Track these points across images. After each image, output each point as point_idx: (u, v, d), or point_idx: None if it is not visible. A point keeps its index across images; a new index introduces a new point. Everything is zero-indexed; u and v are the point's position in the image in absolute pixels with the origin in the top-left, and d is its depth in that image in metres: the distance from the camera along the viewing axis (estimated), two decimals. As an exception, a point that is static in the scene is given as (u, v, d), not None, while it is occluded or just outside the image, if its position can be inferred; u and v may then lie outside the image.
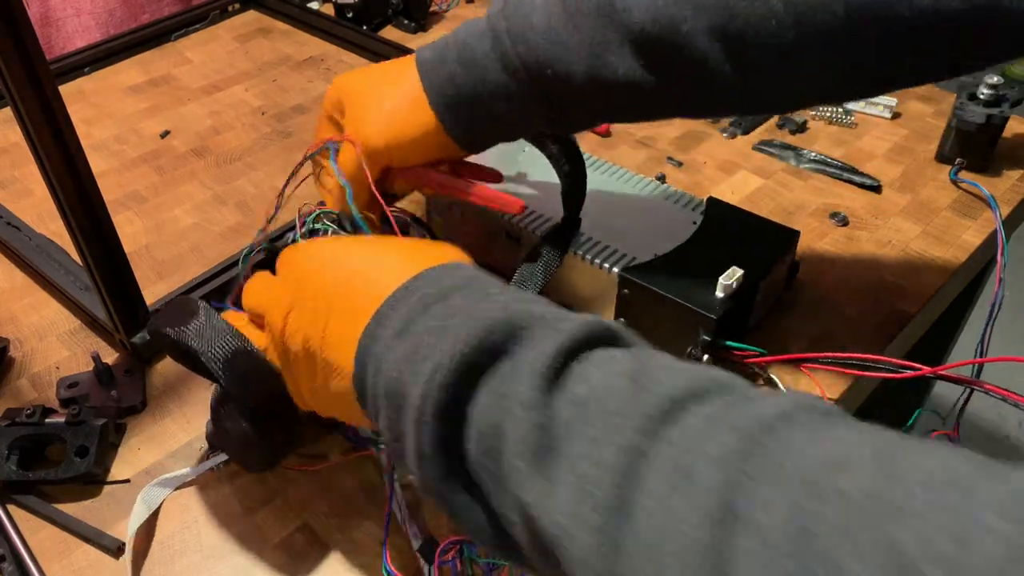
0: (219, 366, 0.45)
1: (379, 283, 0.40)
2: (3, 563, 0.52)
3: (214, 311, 0.48)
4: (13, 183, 0.85)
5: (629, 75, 0.49)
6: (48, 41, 1.09)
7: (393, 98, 0.56)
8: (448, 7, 1.14)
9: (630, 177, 0.72)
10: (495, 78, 0.52)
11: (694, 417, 0.29)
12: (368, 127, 0.56)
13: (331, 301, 0.41)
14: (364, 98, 0.57)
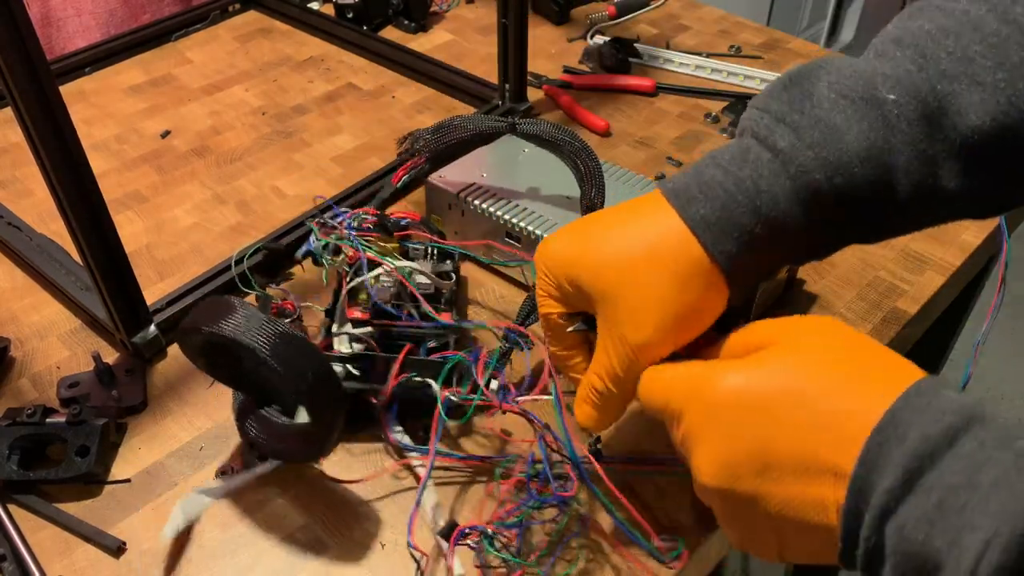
0: (268, 353, 0.45)
1: (848, 415, 0.35)
2: (4, 562, 0.52)
3: (248, 304, 0.48)
4: (14, 183, 0.85)
5: (961, 187, 0.42)
6: (49, 41, 1.09)
7: (666, 275, 0.44)
8: (448, 7, 1.14)
9: (630, 177, 0.72)
10: (796, 223, 0.43)
11: None
12: (639, 322, 0.44)
13: (779, 455, 0.37)
14: (621, 280, 0.44)
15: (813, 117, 0.43)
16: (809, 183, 0.42)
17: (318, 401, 0.48)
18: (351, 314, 0.59)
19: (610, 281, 0.45)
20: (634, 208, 0.46)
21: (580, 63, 1.02)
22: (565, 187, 0.70)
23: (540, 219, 0.67)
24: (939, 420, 0.33)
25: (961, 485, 0.31)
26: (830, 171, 0.42)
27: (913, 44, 0.42)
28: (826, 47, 2.06)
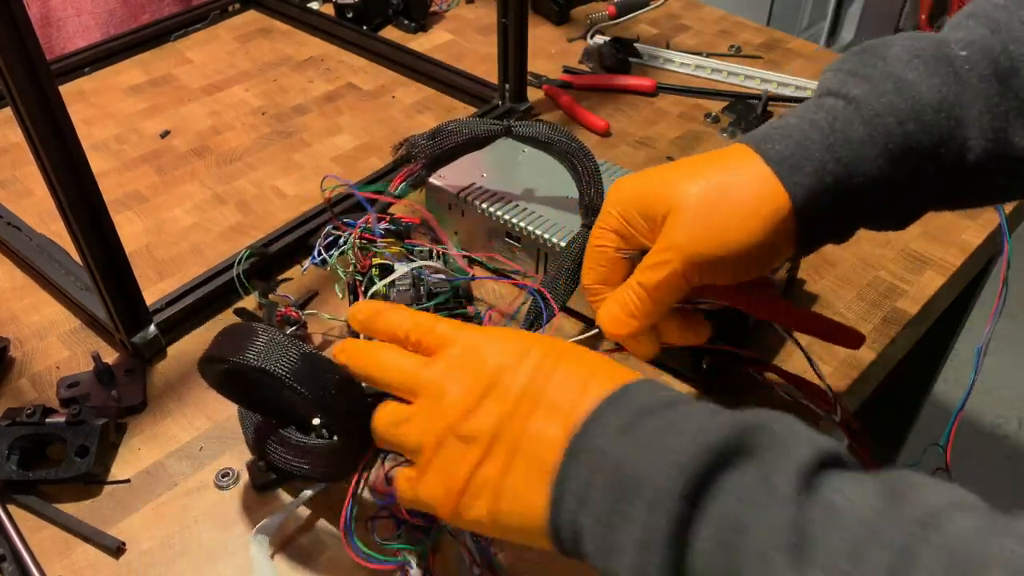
0: (292, 378, 0.44)
1: (585, 387, 0.40)
2: (3, 563, 0.52)
3: (269, 328, 0.47)
4: (13, 183, 0.85)
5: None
6: (48, 41, 1.09)
7: (739, 201, 0.45)
8: (448, 7, 1.14)
9: (626, 174, 0.72)
10: (870, 168, 0.44)
11: (958, 526, 0.30)
12: (700, 235, 0.46)
13: (537, 391, 0.41)
14: (696, 200, 0.46)
15: (885, 72, 0.45)
16: (882, 127, 0.44)
17: (343, 420, 0.46)
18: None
19: (682, 197, 0.46)
20: (713, 152, 0.48)
21: (580, 63, 1.02)
22: (565, 187, 0.70)
23: (540, 219, 0.67)
24: (657, 392, 0.40)
25: (668, 427, 0.37)
26: (902, 116, 0.43)
27: (986, 15, 0.45)
28: (826, 47, 2.06)
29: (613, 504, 0.36)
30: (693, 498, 0.34)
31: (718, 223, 0.45)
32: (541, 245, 0.66)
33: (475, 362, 0.43)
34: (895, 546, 0.30)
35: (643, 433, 0.37)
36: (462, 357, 0.44)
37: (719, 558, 0.33)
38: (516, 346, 0.43)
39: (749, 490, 0.34)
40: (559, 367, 0.42)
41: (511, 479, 0.40)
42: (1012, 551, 0.28)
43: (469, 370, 0.43)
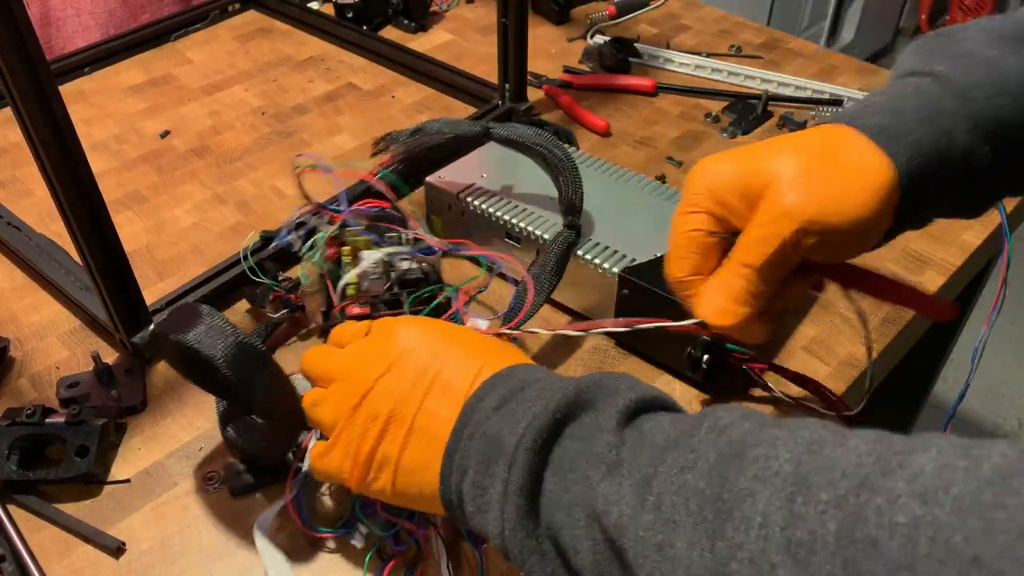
0: (223, 363, 0.47)
1: (479, 368, 0.44)
2: (3, 563, 0.52)
3: (218, 313, 0.49)
4: (13, 183, 0.85)
5: None
6: (48, 41, 1.09)
7: (843, 170, 0.44)
8: (448, 7, 1.14)
9: (630, 177, 0.72)
10: (964, 141, 0.44)
11: (740, 431, 0.34)
12: (806, 200, 0.43)
13: (434, 374, 0.45)
14: (798, 169, 0.44)
15: (967, 51, 0.45)
16: (971, 101, 0.43)
17: (266, 405, 0.49)
18: (351, 312, 0.59)
19: (786, 166, 0.44)
20: (798, 132, 0.47)
21: (580, 63, 1.02)
22: (565, 187, 0.70)
23: (539, 219, 0.67)
24: (534, 372, 0.44)
25: (532, 398, 0.41)
26: (991, 91, 0.43)
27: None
28: (826, 47, 2.06)
29: (484, 468, 0.40)
30: (543, 451, 0.38)
31: (830, 190, 0.43)
32: (540, 246, 0.66)
33: (381, 347, 0.47)
34: (687, 447, 0.35)
35: (513, 406, 0.41)
36: (371, 342, 0.48)
37: (557, 492, 0.38)
38: (420, 332, 0.47)
39: (582, 433, 0.39)
40: (456, 351, 0.46)
41: (408, 454, 0.44)
42: (772, 435, 0.32)
43: (375, 354, 0.46)
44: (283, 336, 0.66)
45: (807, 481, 0.29)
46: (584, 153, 0.75)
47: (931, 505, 0.25)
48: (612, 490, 0.36)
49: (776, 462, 0.31)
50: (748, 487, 0.31)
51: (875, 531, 0.26)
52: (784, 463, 0.31)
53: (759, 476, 0.31)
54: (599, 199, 0.69)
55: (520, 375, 0.44)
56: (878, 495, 0.27)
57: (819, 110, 0.92)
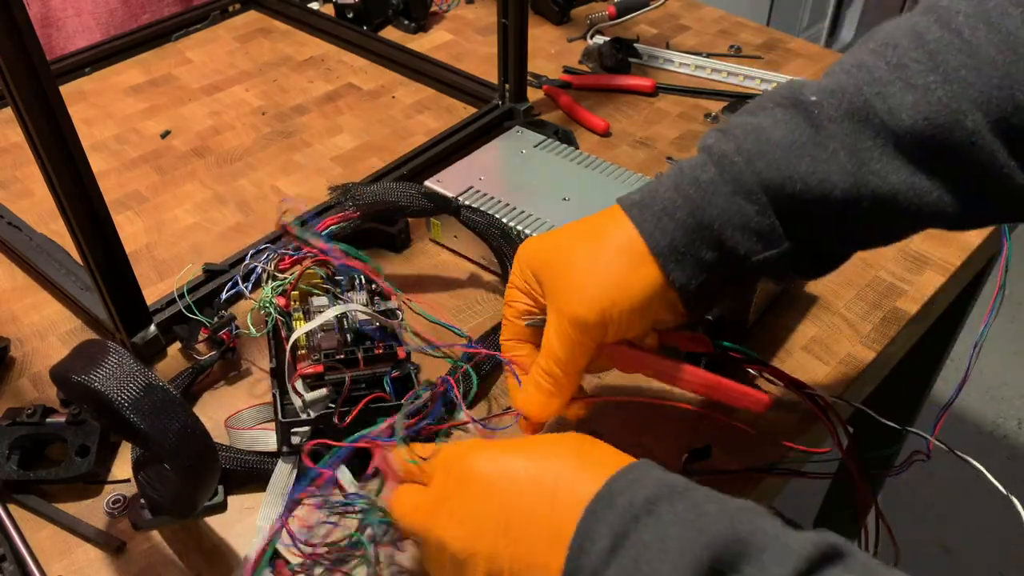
0: (130, 409, 0.43)
1: (571, 493, 0.39)
2: (4, 562, 0.52)
3: (125, 352, 0.45)
4: (14, 183, 0.85)
5: (902, 184, 0.42)
6: (49, 41, 1.09)
7: (602, 255, 0.47)
8: (448, 7, 1.14)
9: (630, 177, 0.72)
10: (725, 204, 0.44)
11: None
12: (575, 296, 0.47)
13: (521, 520, 0.39)
14: (564, 263, 0.48)
15: (741, 123, 0.46)
16: (730, 166, 0.45)
17: (183, 461, 0.45)
18: (303, 371, 0.55)
19: (559, 265, 0.48)
20: (596, 214, 0.50)
21: (580, 63, 1.02)
22: (563, 190, 0.70)
23: (537, 222, 0.67)
24: (643, 490, 0.37)
25: (653, 542, 0.35)
26: (749, 156, 0.44)
27: (852, 61, 0.45)
28: (826, 47, 2.06)
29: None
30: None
31: (582, 280, 0.47)
32: None
33: (453, 500, 0.42)
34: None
35: (631, 551, 0.36)
36: (440, 497, 0.42)
37: None
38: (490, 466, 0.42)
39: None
40: (538, 473, 0.40)
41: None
42: None
43: (449, 511, 0.41)
44: (211, 380, 0.63)
45: None
46: (584, 153, 0.75)
47: None
48: None
49: None
50: None
51: None
52: None
53: None
54: (598, 199, 0.68)
55: (624, 495, 0.37)
56: None
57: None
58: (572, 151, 0.75)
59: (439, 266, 0.74)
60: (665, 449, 0.58)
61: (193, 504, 0.48)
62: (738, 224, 0.45)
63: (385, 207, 0.66)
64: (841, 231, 0.45)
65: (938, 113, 0.41)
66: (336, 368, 0.55)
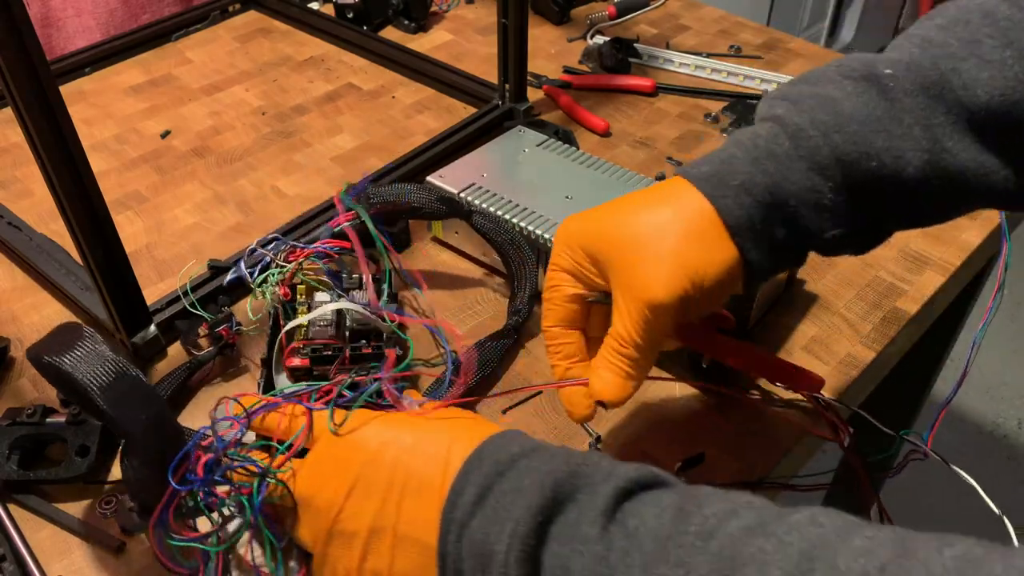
0: (99, 393, 0.43)
1: (448, 455, 0.42)
2: (4, 562, 0.52)
3: (100, 338, 0.45)
4: (14, 183, 0.85)
5: (971, 162, 0.42)
6: (49, 41, 1.09)
7: (676, 233, 0.44)
8: (448, 7, 1.14)
9: (630, 177, 0.72)
10: (801, 180, 0.44)
11: (732, 528, 0.33)
12: (652, 277, 0.44)
13: (403, 475, 0.43)
14: (632, 242, 0.45)
15: (811, 92, 0.45)
16: (805, 139, 0.43)
17: (151, 452, 0.44)
18: (290, 363, 0.56)
19: (625, 243, 0.45)
20: (652, 186, 0.48)
21: (580, 63, 1.02)
22: (566, 187, 0.70)
23: (540, 219, 0.67)
24: (509, 449, 0.41)
25: (510, 489, 0.39)
26: (825, 129, 0.43)
27: (921, 35, 0.44)
28: (826, 47, 2.06)
29: (479, 574, 0.39)
30: (533, 559, 0.37)
31: (658, 260, 0.44)
32: (541, 245, 0.66)
33: (340, 459, 0.44)
34: (676, 560, 0.33)
35: (492, 500, 0.39)
36: (328, 455, 0.45)
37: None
38: (376, 431, 0.45)
39: (568, 535, 0.37)
40: (418, 442, 0.43)
41: (398, 566, 0.42)
42: (762, 549, 0.32)
43: (336, 470, 0.44)
44: (210, 376, 0.63)
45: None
46: (584, 153, 0.75)
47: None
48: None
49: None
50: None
51: None
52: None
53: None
54: (599, 198, 0.68)
55: (490, 455, 0.42)
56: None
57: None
58: (573, 151, 0.75)
59: (439, 266, 0.74)
60: (663, 453, 0.58)
61: (160, 496, 0.47)
62: (812, 202, 0.44)
63: (399, 208, 0.66)
64: (907, 209, 0.45)
65: (1014, 89, 0.41)
66: (324, 364, 0.55)
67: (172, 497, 0.44)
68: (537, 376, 0.63)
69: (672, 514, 0.36)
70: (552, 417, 0.60)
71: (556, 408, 0.61)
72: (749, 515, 0.34)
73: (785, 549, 0.31)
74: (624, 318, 0.46)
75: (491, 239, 0.67)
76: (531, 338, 0.67)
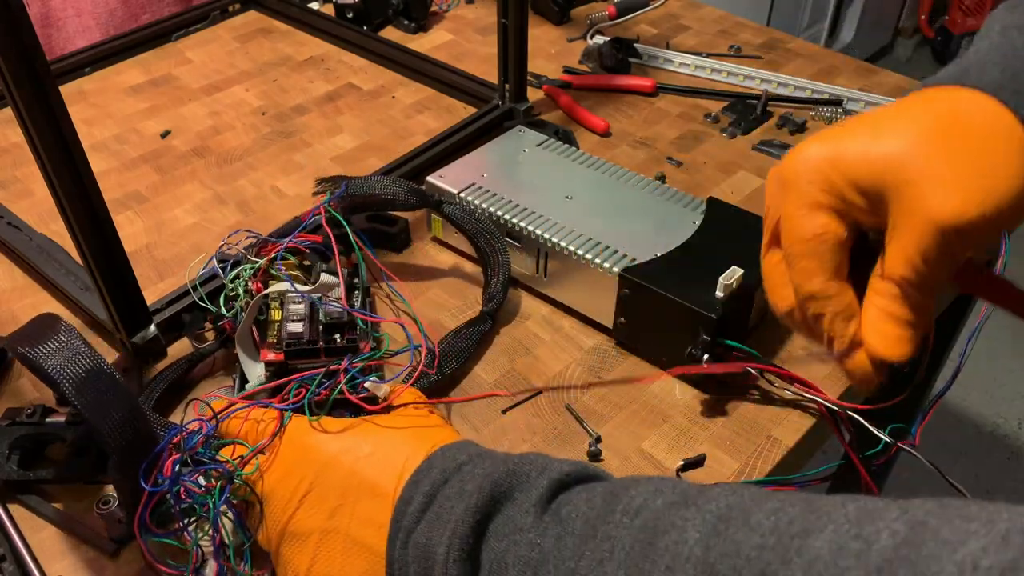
0: (72, 388, 0.43)
1: (402, 466, 0.44)
2: (3, 563, 0.52)
3: (75, 331, 0.45)
4: (14, 183, 0.85)
5: None
6: (49, 41, 1.09)
7: (976, 147, 0.37)
8: (448, 7, 1.14)
9: (630, 177, 0.72)
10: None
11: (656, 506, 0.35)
12: (952, 196, 0.36)
13: (358, 480, 0.44)
14: (926, 160, 0.37)
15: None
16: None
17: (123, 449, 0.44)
18: (264, 356, 0.56)
19: (914, 160, 0.37)
20: (903, 101, 0.40)
21: (580, 63, 1.02)
22: (566, 187, 0.70)
23: (540, 219, 0.67)
24: (455, 458, 0.43)
25: (453, 494, 0.41)
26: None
27: None
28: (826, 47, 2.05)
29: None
30: (472, 558, 0.38)
31: (970, 175, 0.36)
32: (541, 245, 0.66)
33: (299, 460, 0.46)
34: (604, 535, 0.35)
35: (437, 507, 0.41)
36: (289, 454, 0.47)
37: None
38: (335, 437, 0.47)
39: (505, 529, 0.38)
40: (376, 448, 0.46)
41: (349, 568, 0.43)
42: (682, 517, 0.33)
43: (292, 470, 0.46)
44: (213, 368, 0.64)
45: (714, 569, 0.30)
46: (584, 153, 0.75)
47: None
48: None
49: (686, 547, 0.32)
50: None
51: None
52: (694, 546, 0.32)
53: (671, 566, 0.32)
54: (599, 198, 0.69)
55: (439, 464, 0.43)
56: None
57: (818, 110, 0.92)
58: (573, 151, 0.75)
59: (439, 266, 0.74)
60: (663, 454, 0.58)
61: (136, 496, 0.47)
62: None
63: (371, 200, 0.66)
64: None
65: None
66: (299, 357, 0.56)
67: (148, 501, 0.45)
68: (537, 376, 0.63)
69: (602, 499, 0.37)
70: (552, 417, 0.60)
71: (556, 408, 0.61)
72: (673, 493, 0.35)
73: (703, 515, 0.33)
74: (908, 251, 0.37)
75: (462, 227, 0.67)
76: (506, 324, 0.68)
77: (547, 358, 0.65)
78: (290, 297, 0.59)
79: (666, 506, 0.35)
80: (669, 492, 0.36)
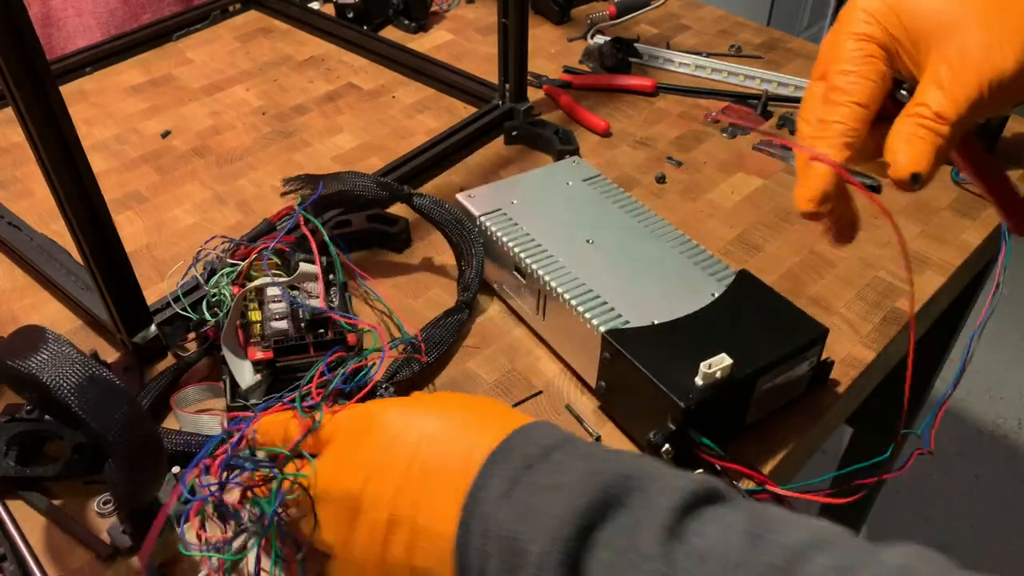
0: (73, 397, 0.42)
1: (472, 445, 0.40)
2: (4, 562, 0.52)
3: (65, 340, 0.44)
4: (14, 183, 0.85)
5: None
6: (49, 41, 1.09)
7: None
8: (448, 7, 1.14)
9: (667, 231, 0.66)
10: None
11: (816, 567, 0.31)
12: (999, 45, 0.39)
13: (422, 463, 0.41)
14: (980, 5, 0.39)
15: None
16: None
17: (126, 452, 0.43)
18: (252, 356, 0.56)
19: (970, 7, 0.39)
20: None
21: (580, 63, 1.02)
22: (591, 231, 0.65)
23: (550, 260, 0.63)
24: (538, 442, 0.39)
25: (546, 484, 0.37)
26: None
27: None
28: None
29: (507, 574, 0.37)
30: (573, 563, 0.35)
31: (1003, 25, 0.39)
32: (542, 287, 0.62)
33: (357, 446, 0.43)
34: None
35: (523, 494, 0.37)
36: (346, 444, 0.44)
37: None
38: (395, 416, 0.43)
39: (620, 544, 0.35)
40: (443, 429, 0.42)
41: (418, 559, 0.40)
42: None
43: (352, 457, 0.43)
44: (199, 376, 0.63)
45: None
46: (631, 197, 0.70)
47: None
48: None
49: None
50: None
51: None
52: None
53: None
54: (622, 248, 0.64)
55: (524, 445, 0.40)
56: None
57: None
58: (620, 192, 0.69)
59: (439, 266, 0.74)
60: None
61: (137, 496, 0.46)
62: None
63: (344, 195, 0.67)
64: None
65: None
66: (288, 354, 0.56)
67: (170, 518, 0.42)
68: (536, 376, 0.63)
69: (741, 539, 0.33)
70: (552, 417, 0.60)
71: (556, 408, 0.61)
72: (833, 552, 0.32)
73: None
74: (950, 88, 0.39)
75: (433, 220, 0.67)
76: (482, 313, 0.68)
77: (547, 358, 0.65)
78: (270, 296, 0.60)
79: (826, 572, 0.31)
80: (828, 550, 0.32)
